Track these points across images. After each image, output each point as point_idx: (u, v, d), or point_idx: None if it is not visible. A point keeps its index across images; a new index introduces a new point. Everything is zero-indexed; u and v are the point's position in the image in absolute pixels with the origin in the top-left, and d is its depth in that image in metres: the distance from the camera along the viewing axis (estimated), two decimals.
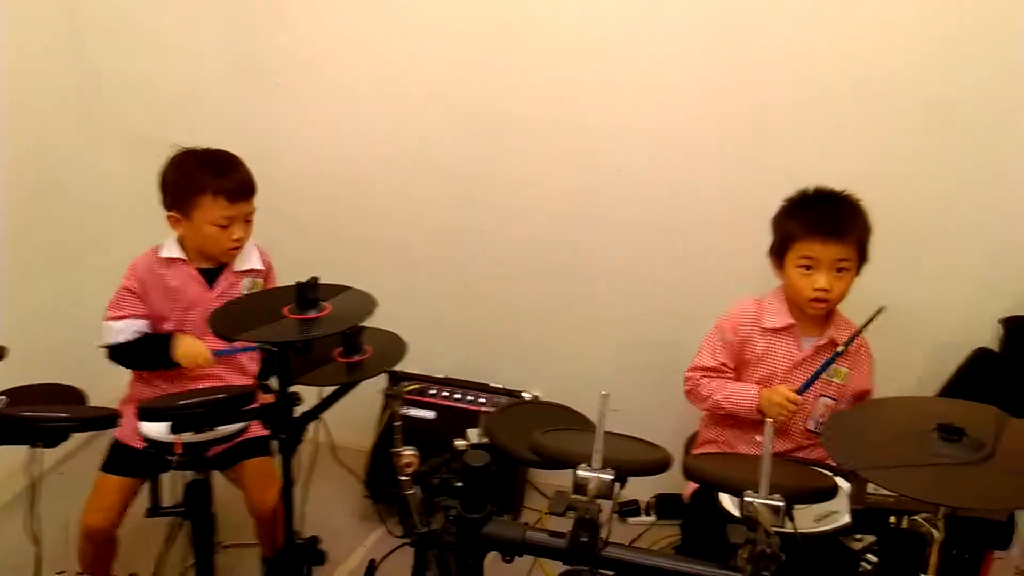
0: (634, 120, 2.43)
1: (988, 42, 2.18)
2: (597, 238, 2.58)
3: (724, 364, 2.04)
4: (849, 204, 1.96)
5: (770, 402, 1.92)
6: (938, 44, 2.20)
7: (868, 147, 2.29)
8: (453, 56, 2.49)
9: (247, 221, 2.08)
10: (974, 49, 2.18)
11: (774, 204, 2.04)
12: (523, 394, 2.61)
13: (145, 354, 2.05)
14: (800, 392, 1.92)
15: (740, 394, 1.99)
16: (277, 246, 2.24)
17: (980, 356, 2.29)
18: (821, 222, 1.92)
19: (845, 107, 2.28)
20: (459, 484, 1.39)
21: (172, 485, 1.79)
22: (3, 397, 1.61)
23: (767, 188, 2.06)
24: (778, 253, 2.00)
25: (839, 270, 1.92)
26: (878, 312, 1.89)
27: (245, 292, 2.13)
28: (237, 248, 2.08)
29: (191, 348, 2.03)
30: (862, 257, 1.95)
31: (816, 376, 1.93)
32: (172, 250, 2.08)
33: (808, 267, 1.93)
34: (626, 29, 2.36)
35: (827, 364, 1.93)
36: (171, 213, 2.05)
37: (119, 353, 2.05)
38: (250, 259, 2.14)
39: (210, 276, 2.10)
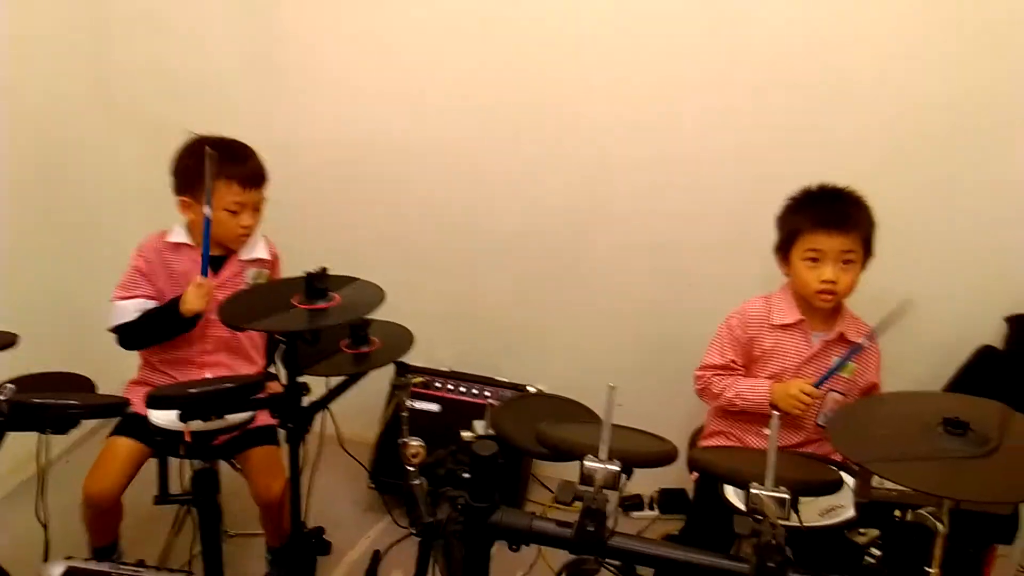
0: (640, 114, 2.43)
1: (993, 38, 2.17)
2: (604, 232, 2.58)
3: (733, 362, 2.04)
4: (853, 199, 1.98)
5: (785, 395, 1.93)
6: (943, 41, 2.20)
7: (874, 143, 2.29)
8: (462, 51, 2.50)
9: (256, 209, 2.08)
10: (980, 45, 2.18)
11: (780, 199, 2.04)
12: (528, 388, 2.61)
13: (153, 325, 2.03)
14: (817, 386, 1.93)
15: (752, 390, 1.99)
16: (285, 237, 2.25)
17: (985, 353, 2.29)
18: (826, 215, 1.94)
19: (851, 103, 2.28)
20: (466, 475, 1.40)
21: (179, 473, 1.81)
22: (12, 385, 1.62)
23: (773, 183, 2.06)
24: (784, 249, 2.01)
25: (845, 262, 1.93)
26: (903, 306, 1.88)
27: (249, 281, 2.13)
28: (246, 235, 2.09)
29: (191, 290, 1.96)
30: (867, 251, 1.97)
31: (834, 370, 1.93)
32: (179, 235, 2.09)
33: (814, 259, 1.94)
34: (634, 25, 2.37)
35: (847, 357, 1.93)
36: (183, 198, 2.05)
37: (127, 332, 2.03)
38: (257, 249, 2.15)
39: (215, 263, 2.10)
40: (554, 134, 2.51)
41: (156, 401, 1.61)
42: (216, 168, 1.93)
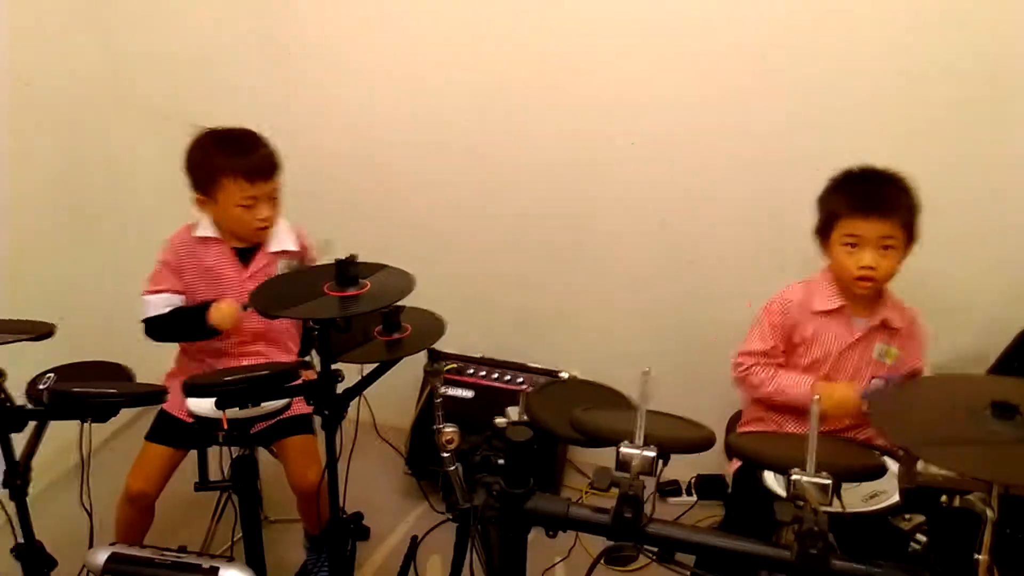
0: (656, 91, 2.40)
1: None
2: (631, 219, 2.56)
3: (775, 347, 2.00)
4: (894, 181, 1.91)
5: (831, 399, 1.87)
6: (967, 13, 2.13)
7: (909, 124, 2.23)
8: (476, 36, 2.48)
9: (272, 199, 2.06)
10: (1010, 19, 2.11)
11: (808, 181, 1.98)
12: (561, 374, 2.60)
13: (180, 324, 2.05)
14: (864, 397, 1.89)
15: (794, 386, 1.95)
16: (308, 225, 2.23)
17: None
18: (865, 199, 1.88)
19: (885, 81, 2.22)
20: (501, 462, 1.40)
21: (219, 460, 1.83)
22: (52, 375, 1.65)
23: (801, 163, 2.02)
24: (823, 233, 1.96)
25: (885, 248, 1.87)
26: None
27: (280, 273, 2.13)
28: (266, 227, 2.07)
29: (224, 309, 2.00)
30: (910, 236, 1.90)
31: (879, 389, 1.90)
32: (207, 229, 2.10)
33: (853, 244, 1.88)
34: (640, 4, 2.34)
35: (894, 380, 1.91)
36: (198, 195, 2.05)
37: (155, 326, 2.06)
38: (285, 240, 2.14)
39: (244, 256, 2.11)
40: (573, 118, 2.49)
41: (193, 389, 1.62)
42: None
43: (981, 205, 2.26)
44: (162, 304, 2.05)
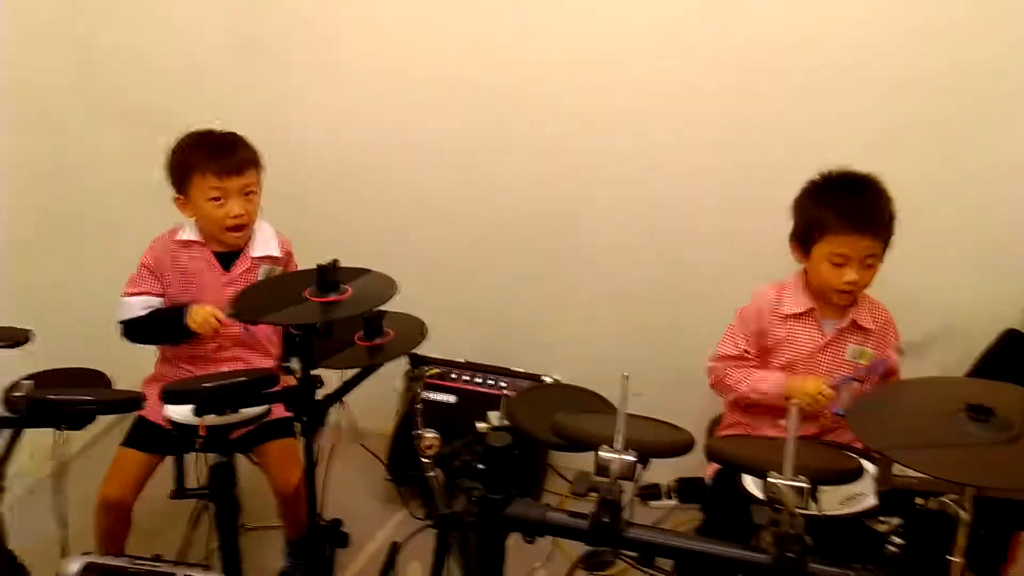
0: (638, 99, 2.42)
1: (1001, 18, 2.14)
2: (615, 222, 2.57)
3: (747, 352, 2.01)
4: (878, 191, 1.91)
5: (803, 392, 1.89)
6: (951, 23, 2.16)
7: (884, 127, 2.25)
8: (463, 42, 2.49)
9: (246, 196, 2.05)
10: (989, 27, 2.15)
11: (787, 184, 1.99)
12: (544, 378, 2.60)
13: (157, 327, 2.05)
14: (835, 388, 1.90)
15: (766, 383, 1.96)
16: (290, 229, 2.23)
17: (1008, 337, 2.25)
18: (855, 214, 1.86)
19: (862, 85, 2.25)
20: (481, 466, 1.39)
21: (196, 467, 1.81)
22: (29, 381, 1.63)
23: (780, 168, 2.04)
24: (803, 241, 1.95)
25: (868, 264, 1.89)
26: None
27: (262, 279, 2.12)
28: (240, 226, 2.06)
29: (203, 312, 1.99)
30: (887, 244, 1.92)
31: (851, 379, 1.91)
32: (189, 233, 2.10)
33: (840, 264, 1.88)
34: (625, 13, 2.36)
35: (872, 373, 1.93)
36: (176, 196, 2.06)
37: (132, 328, 2.05)
38: (267, 245, 2.13)
39: (226, 260, 2.10)
40: (556, 122, 2.50)
41: (171, 396, 1.61)
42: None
43: (962, 208, 2.28)
44: (140, 306, 2.04)
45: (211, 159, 2.01)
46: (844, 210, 1.87)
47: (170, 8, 2.65)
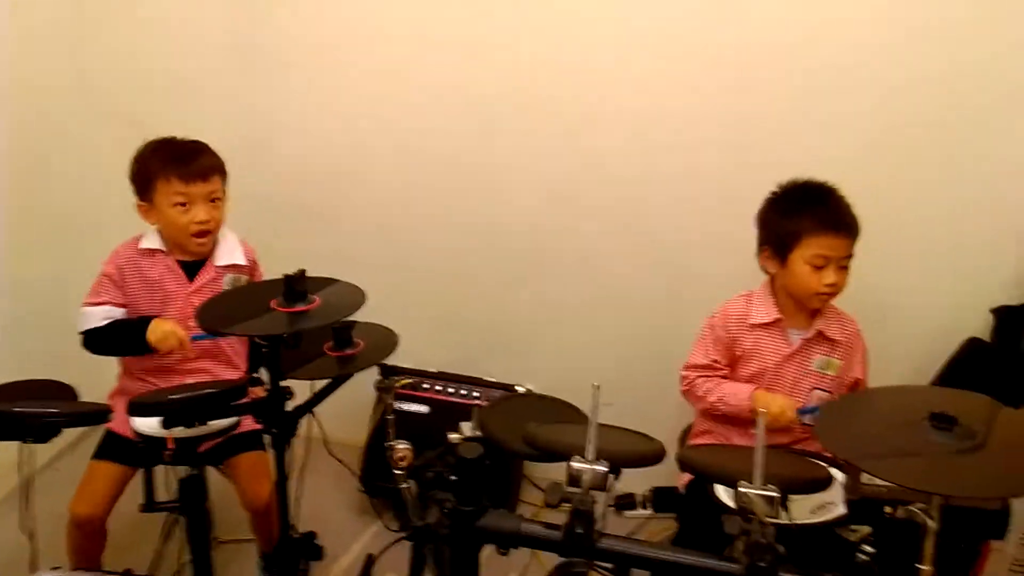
0: (626, 110, 2.42)
1: (977, 29, 2.17)
2: (590, 231, 2.57)
3: (716, 361, 2.03)
4: (840, 196, 1.95)
5: (767, 408, 1.89)
6: (926, 31, 2.19)
7: (857, 136, 2.28)
8: (445, 47, 2.48)
9: (211, 202, 2.02)
10: (964, 36, 2.17)
11: (763, 190, 2.02)
12: (517, 388, 2.60)
13: (119, 338, 2.01)
14: (801, 412, 1.91)
15: (734, 395, 1.98)
16: (262, 237, 2.21)
17: (972, 346, 2.29)
18: (832, 215, 1.91)
19: (834, 95, 2.27)
20: (453, 478, 1.39)
21: (166, 480, 1.79)
22: None
23: (759, 178, 2.05)
24: (780, 249, 1.97)
25: (843, 267, 1.92)
26: None
27: (227, 288, 2.09)
28: (205, 232, 2.02)
29: (163, 328, 1.96)
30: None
31: (814, 410, 1.92)
32: (152, 241, 2.06)
33: (821, 266, 1.90)
34: (619, 16, 2.36)
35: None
36: (139, 203, 2.03)
37: (92, 339, 2.01)
38: (233, 254, 2.10)
39: (190, 270, 2.07)
40: (538, 132, 2.50)
41: (138, 408, 1.59)
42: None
43: (963, 207, 2.30)
44: (100, 316, 2.00)
45: (176, 164, 1.98)
46: (820, 213, 1.92)
47: (168, 11, 2.62)
